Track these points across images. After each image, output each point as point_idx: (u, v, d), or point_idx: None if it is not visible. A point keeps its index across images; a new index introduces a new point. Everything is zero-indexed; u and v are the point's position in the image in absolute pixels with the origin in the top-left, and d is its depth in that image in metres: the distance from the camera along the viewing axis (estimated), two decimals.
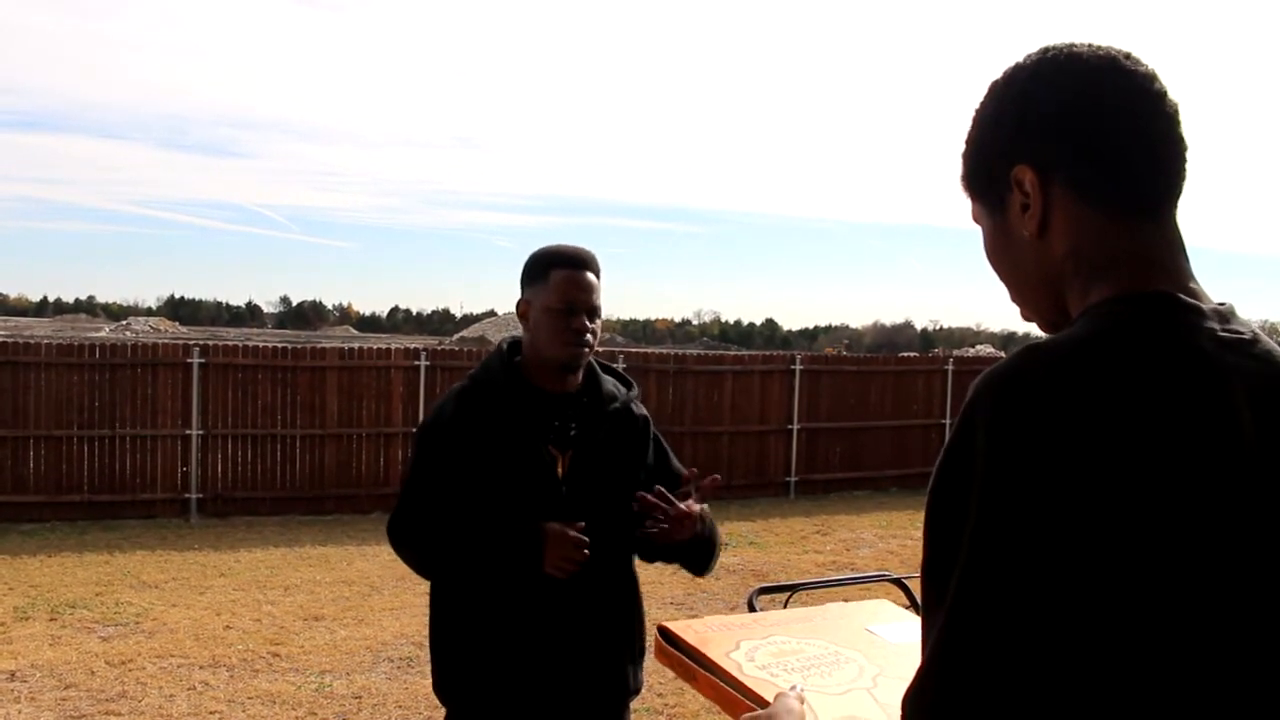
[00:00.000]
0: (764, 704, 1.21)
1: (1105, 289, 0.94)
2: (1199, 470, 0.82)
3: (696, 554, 2.26)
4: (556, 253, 2.24)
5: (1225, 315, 0.93)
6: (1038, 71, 1.00)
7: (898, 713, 1.31)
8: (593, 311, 2.20)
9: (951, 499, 0.87)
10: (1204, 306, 0.92)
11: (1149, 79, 0.97)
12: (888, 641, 1.61)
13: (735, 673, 1.40)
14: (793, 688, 1.16)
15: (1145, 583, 0.80)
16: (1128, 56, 0.98)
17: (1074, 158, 0.97)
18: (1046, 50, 1.01)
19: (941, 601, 0.85)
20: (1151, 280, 0.93)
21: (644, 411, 2.39)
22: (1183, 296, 0.92)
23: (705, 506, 2.21)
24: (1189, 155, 0.97)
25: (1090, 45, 0.99)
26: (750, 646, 1.49)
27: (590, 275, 2.21)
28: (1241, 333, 0.92)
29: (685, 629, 1.55)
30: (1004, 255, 1.04)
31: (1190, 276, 0.96)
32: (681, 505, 2.13)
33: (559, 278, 2.19)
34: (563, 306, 2.17)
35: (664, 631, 1.55)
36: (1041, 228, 0.98)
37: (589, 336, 2.19)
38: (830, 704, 1.27)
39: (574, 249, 2.25)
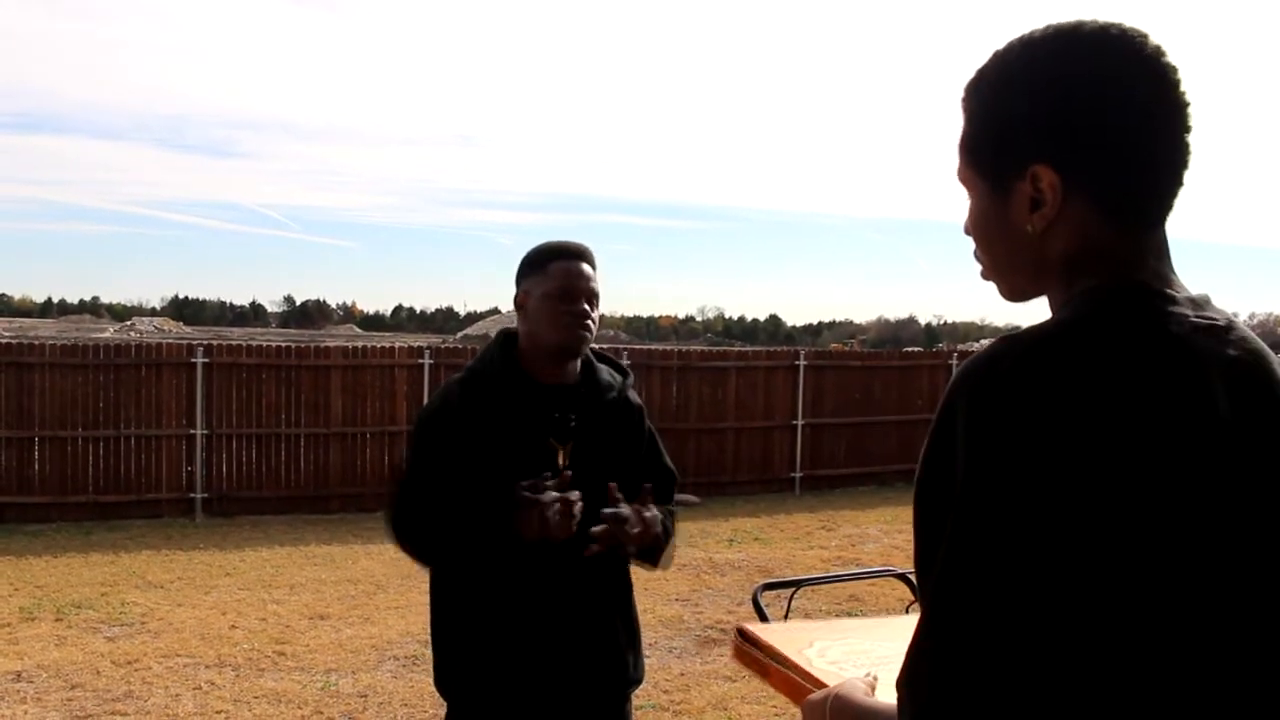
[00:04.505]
0: None
1: (1088, 282, 0.93)
2: (1175, 451, 0.82)
3: (647, 556, 2.27)
4: (554, 246, 2.31)
5: (1199, 303, 0.92)
6: (1077, 63, 0.91)
7: None
8: (592, 298, 2.25)
9: (935, 487, 0.87)
10: (1176, 294, 0.91)
11: (1179, 81, 0.92)
12: None
13: (806, 666, 1.46)
14: (867, 674, 1.18)
15: (1122, 564, 0.80)
16: (1161, 52, 0.92)
17: (1104, 171, 0.91)
18: (1090, 35, 0.92)
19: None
20: (1132, 275, 0.92)
21: (639, 401, 2.43)
22: (1155, 285, 0.91)
23: (655, 512, 2.20)
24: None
25: (1134, 37, 0.92)
26: (823, 645, 1.56)
27: (587, 265, 2.28)
28: (1215, 319, 0.90)
29: (765, 630, 1.62)
30: (993, 237, 0.99)
31: (1169, 268, 0.95)
32: (629, 511, 2.13)
33: (558, 267, 2.25)
34: (562, 292, 2.22)
35: (743, 632, 1.61)
36: (1046, 228, 0.94)
37: (589, 322, 2.24)
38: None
39: (570, 243, 2.32)
